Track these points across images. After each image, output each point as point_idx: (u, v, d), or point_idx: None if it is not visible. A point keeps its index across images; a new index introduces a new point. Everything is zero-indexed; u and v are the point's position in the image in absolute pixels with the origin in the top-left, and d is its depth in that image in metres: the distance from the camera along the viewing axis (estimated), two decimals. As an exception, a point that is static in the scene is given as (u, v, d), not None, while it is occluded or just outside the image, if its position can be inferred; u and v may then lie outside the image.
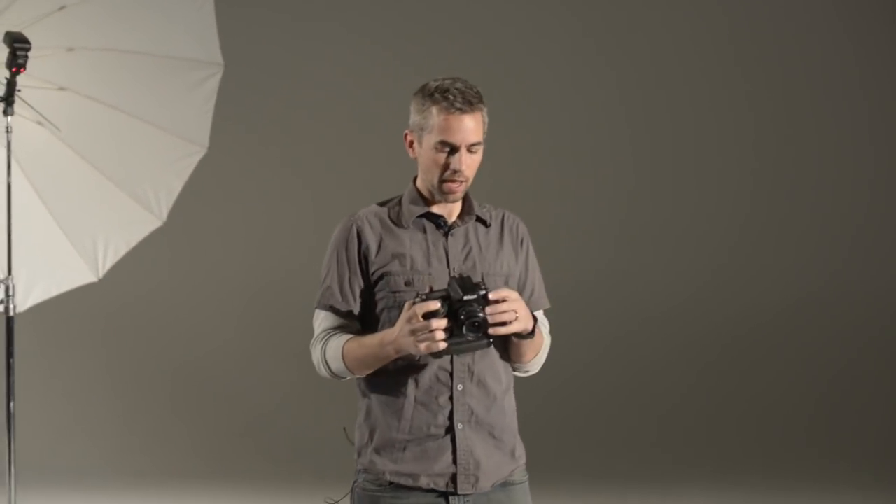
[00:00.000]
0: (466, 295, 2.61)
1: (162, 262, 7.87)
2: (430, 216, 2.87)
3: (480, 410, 2.81)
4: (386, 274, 2.81)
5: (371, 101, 8.04)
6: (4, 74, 4.32)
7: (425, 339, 2.60)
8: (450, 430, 2.79)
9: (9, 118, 4.34)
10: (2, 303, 4.44)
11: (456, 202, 2.86)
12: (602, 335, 8.04)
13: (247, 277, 8.13)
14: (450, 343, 2.62)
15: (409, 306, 2.63)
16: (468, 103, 2.76)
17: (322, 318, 2.87)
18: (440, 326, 2.59)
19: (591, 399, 7.89)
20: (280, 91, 8.14)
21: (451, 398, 2.79)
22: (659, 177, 8.29)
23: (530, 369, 2.93)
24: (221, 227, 8.15)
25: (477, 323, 2.60)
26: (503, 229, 2.93)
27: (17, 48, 4.22)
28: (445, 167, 2.78)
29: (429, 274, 2.81)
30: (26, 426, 6.09)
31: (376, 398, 2.83)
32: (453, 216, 2.88)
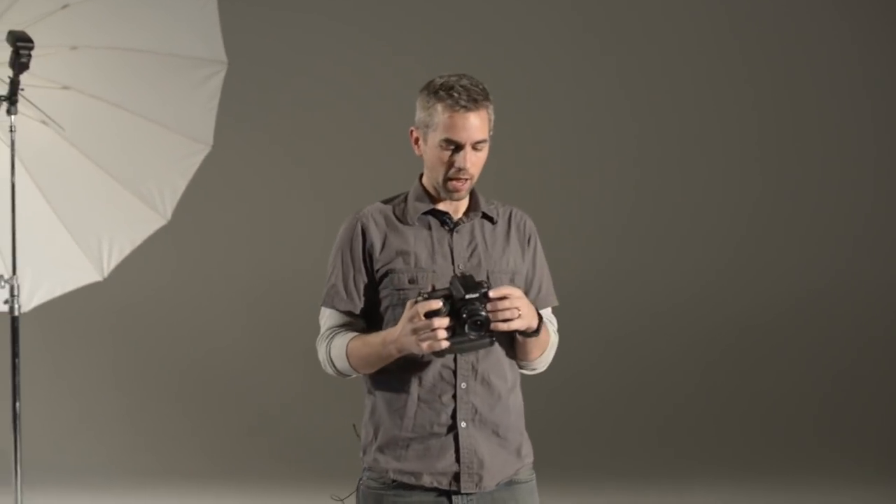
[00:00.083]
0: (468, 293, 2.58)
1: (167, 261, 7.86)
2: (436, 213, 2.84)
3: (484, 409, 2.79)
4: (390, 271, 2.79)
5: (376, 98, 8.03)
6: (7, 73, 4.30)
7: (427, 338, 2.58)
8: (452, 429, 2.77)
9: (12, 117, 4.31)
10: (7, 303, 4.42)
11: (461, 200, 2.83)
12: (607, 333, 8.04)
13: (253, 275, 8.12)
14: (452, 342, 2.60)
15: (411, 305, 2.61)
16: (473, 101, 2.73)
17: (327, 316, 2.86)
18: (442, 325, 2.57)
19: (597, 397, 7.88)
20: (285, 89, 8.13)
21: (455, 396, 2.77)
22: (663, 175, 8.28)
23: (537, 367, 2.90)
24: (227, 226, 8.15)
25: (479, 321, 2.58)
26: (510, 226, 2.90)
27: (21, 47, 4.19)
28: (450, 165, 2.75)
29: (433, 271, 2.78)
30: (32, 426, 6.08)
31: (381, 396, 2.82)
32: (459, 213, 2.86)
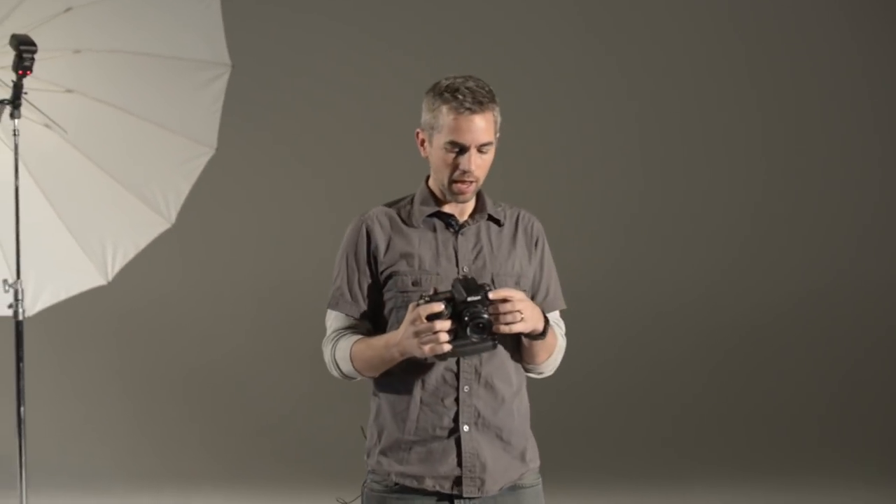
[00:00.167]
0: (470, 296, 2.56)
1: (171, 265, 7.85)
2: (441, 215, 2.82)
3: (487, 412, 2.77)
4: (394, 274, 2.78)
5: (381, 100, 8.01)
6: (11, 77, 4.30)
7: (429, 342, 2.56)
8: (455, 432, 2.75)
9: (16, 121, 4.31)
10: (11, 307, 4.42)
11: (467, 202, 2.81)
12: (613, 335, 8.02)
13: (258, 277, 8.11)
14: (454, 345, 2.58)
15: (413, 308, 2.59)
16: (478, 103, 2.70)
17: (333, 318, 2.85)
18: (444, 328, 2.55)
19: (603, 398, 7.87)
20: (289, 91, 8.11)
21: (458, 400, 2.75)
22: (668, 176, 8.27)
23: (544, 371, 2.87)
24: (231, 229, 8.14)
25: (481, 324, 2.55)
26: (517, 228, 2.87)
27: (24, 51, 4.19)
28: (455, 167, 2.73)
29: (437, 274, 2.76)
30: (37, 429, 6.06)
31: (385, 398, 2.81)
32: (465, 215, 2.83)
